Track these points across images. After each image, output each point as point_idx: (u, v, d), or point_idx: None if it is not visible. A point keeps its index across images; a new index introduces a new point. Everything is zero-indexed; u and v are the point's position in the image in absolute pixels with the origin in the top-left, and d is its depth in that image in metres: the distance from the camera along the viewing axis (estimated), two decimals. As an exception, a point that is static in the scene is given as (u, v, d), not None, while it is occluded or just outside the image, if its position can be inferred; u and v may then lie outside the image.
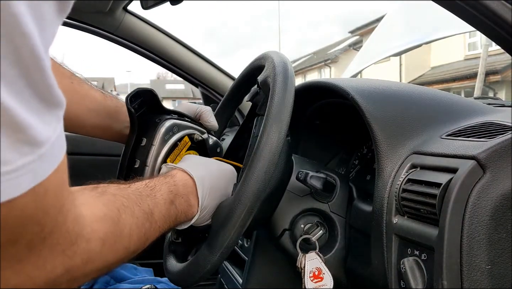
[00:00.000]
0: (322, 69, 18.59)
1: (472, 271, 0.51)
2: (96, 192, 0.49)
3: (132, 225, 0.50)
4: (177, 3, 0.74)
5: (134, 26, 1.57)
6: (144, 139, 0.73)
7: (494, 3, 0.57)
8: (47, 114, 0.31)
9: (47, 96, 0.31)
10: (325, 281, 0.74)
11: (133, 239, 0.51)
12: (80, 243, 0.40)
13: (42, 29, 0.29)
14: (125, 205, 0.51)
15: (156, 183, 0.60)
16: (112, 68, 71.53)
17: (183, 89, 30.19)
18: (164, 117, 0.75)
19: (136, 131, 0.73)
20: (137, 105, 0.74)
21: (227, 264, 1.27)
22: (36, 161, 0.30)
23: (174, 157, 0.75)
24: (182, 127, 0.76)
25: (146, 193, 0.56)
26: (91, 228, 0.42)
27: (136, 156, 0.73)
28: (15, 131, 0.28)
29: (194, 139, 0.78)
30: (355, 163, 0.97)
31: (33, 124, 0.29)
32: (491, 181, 0.52)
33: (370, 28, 11.94)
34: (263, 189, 0.60)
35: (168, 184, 0.61)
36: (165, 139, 0.73)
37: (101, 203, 0.47)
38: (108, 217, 0.46)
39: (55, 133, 0.32)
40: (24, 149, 0.29)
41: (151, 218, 0.55)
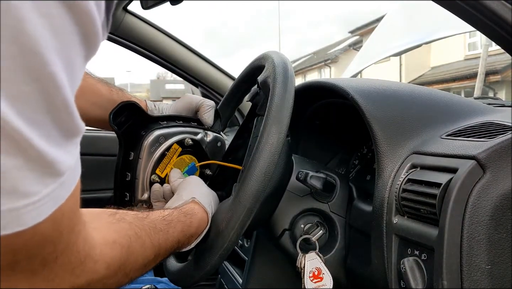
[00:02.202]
0: (322, 69, 18.58)
1: (472, 271, 0.51)
2: (113, 218, 0.51)
3: (138, 256, 0.52)
4: (177, 3, 0.74)
5: (134, 26, 1.57)
6: (131, 153, 0.75)
7: (494, 3, 0.57)
8: (70, 145, 0.34)
9: (72, 130, 0.34)
10: (325, 281, 0.74)
11: (135, 268, 0.52)
12: (88, 263, 0.42)
13: (73, 79, 0.32)
14: (138, 235, 0.53)
15: (173, 219, 0.61)
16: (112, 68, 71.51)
17: (183, 89, 30.15)
18: (150, 129, 0.75)
19: (123, 146, 0.75)
20: (124, 118, 0.74)
21: (227, 264, 1.27)
22: (57, 189, 0.33)
23: (163, 167, 0.76)
24: (169, 136, 0.76)
25: (160, 227, 0.58)
26: (100, 250, 0.44)
27: (126, 169, 0.75)
28: (42, 167, 0.31)
29: (185, 144, 0.78)
30: (355, 163, 0.97)
31: (58, 157, 0.32)
32: (491, 181, 0.52)
33: (370, 28, 11.94)
34: (263, 189, 0.60)
35: (184, 224, 0.62)
36: (151, 151, 0.74)
37: (113, 230, 0.49)
38: (118, 244, 0.48)
39: (73, 161, 0.35)
40: (48, 180, 0.32)
41: (157, 251, 0.56)
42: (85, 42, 0.32)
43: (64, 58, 0.30)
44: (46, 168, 0.31)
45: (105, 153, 1.63)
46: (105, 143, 1.69)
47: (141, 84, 40.30)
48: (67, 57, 0.31)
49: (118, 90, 0.85)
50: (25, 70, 0.28)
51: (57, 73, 0.30)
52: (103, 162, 1.64)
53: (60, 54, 0.30)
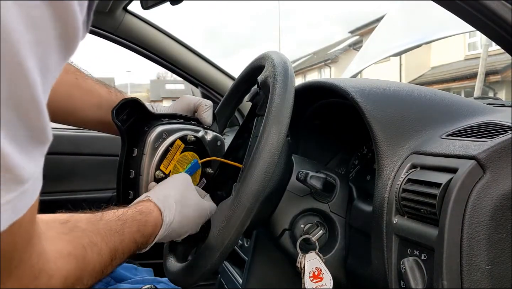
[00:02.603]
0: (322, 69, 18.58)
1: (472, 271, 0.51)
2: (65, 228, 0.48)
3: (95, 264, 0.50)
4: (177, 3, 0.74)
5: (134, 26, 1.57)
6: (135, 150, 0.74)
7: (494, 3, 0.57)
8: (35, 151, 0.31)
9: (39, 136, 0.31)
10: (324, 281, 0.74)
11: (93, 276, 0.51)
12: (43, 278, 0.40)
13: (45, 77, 0.29)
14: (93, 242, 0.50)
15: (128, 218, 0.59)
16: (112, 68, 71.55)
17: (183, 89, 30.15)
18: (152, 125, 0.75)
19: (126, 143, 0.74)
20: (125, 116, 0.74)
21: (227, 264, 1.27)
22: (17, 197, 0.30)
23: (167, 163, 0.75)
24: (172, 131, 0.76)
25: (115, 228, 0.56)
26: (55, 264, 0.42)
27: (129, 166, 0.74)
28: (4, 173, 0.28)
29: (187, 141, 0.77)
30: (355, 163, 0.97)
31: (21, 163, 0.29)
32: (491, 181, 0.52)
33: (370, 28, 11.93)
34: (262, 189, 0.60)
35: (139, 222, 0.60)
36: (155, 147, 0.73)
37: (67, 241, 0.47)
38: (73, 256, 0.46)
39: (37, 169, 0.32)
40: (9, 187, 0.29)
41: (114, 255, 0.54)
42: (63, 39, 0.30)
43: (38, 53, 0.28)
44: (7, 172, 0.28)
45: (105, 153, 1.64)
46: (105, 143, 1.68)
47: (141, 84, 40.34)
48: (42, 52, 0.28)
49: (116, 91, 0.84)
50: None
51: (27, 65, 0.27)
52: (103, 162, 1.65)
53: (34, 47, 0.28)
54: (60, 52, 0.30)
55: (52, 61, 0.30)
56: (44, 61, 0.29)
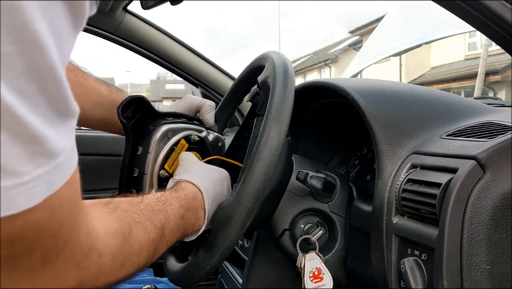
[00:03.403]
0: (322, 69, 18.58)
1: (472, 271, 0.51)
2: (108, 208, 0.49)
3: (143, 241, 0.51)
4: (177, 3, 0.74)
5: (134, 26, 1.57)
6: (140, 148, 0.73)
7: (494, 3, 0.57)
8: (63, 126, 0.31)
9: (63, 108, 0.31)
10: (324, 281, 0.74)
11: (143, 255, 0.51)
12: (92, 256, 0.40)
13: (59, 44, 0.29)
14: (137, 221, 0.51)
15: (167, 197, 0.60)
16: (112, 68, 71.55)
17: (183, 89, 30.15)
18: (158, 123, 0.75)
19: (131, 140, 0.73)
20: (130, 114, 0.73)
21: (227, 264, 1.27)
22: (50, 171, 0.30)
23: (171, 162, 0.74)
24: (177, 131, 0.76)
25: (157, 208, 0.56)
26: (103, 242, 0.43)
27: (134, 165, 0.74)
28: (32, 144, 0.28)
29: (191, 140, 0.77)
30: (355, 163, 0.97)
31: (50, 136, 0.29)
32: (491, 181, 0.52)
33: (370, 28, 11.93)
34: (263, 190, 0.60)
35: (179, 198, 0.61)
36: (161, 145, 0.73)
37: (113, 219, 0.47)
38: (120, 233, 0.46)
39: (69, 144, 0.32)
40: (40, 160, 0.29)
41: (162, 233, 0.55)
42: (71, 6, 0.29)
43: (47, 16, 0.28)
44: (36, 145, 0.28)
45: (105, 153, 1.64)
46: (105, 143, 1.69)
47: (141, 84, 40.32)
48: (50, 16, 0.28)
49: (117, 90, 0.84)
50: (5, 28, 0.25)
51: (41, 33, 0.27)
52: (103, 162, 1.65)
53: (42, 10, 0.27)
54: (69, 19, 0.30)
55: (63, 28, 0.29)
56: (55, 26, 0.28)
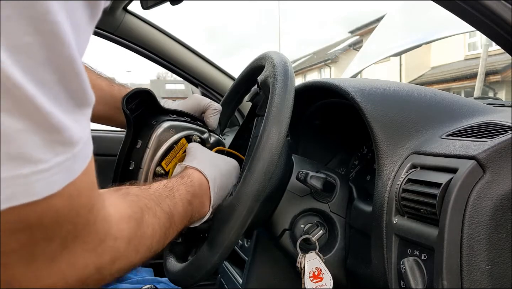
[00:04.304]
0: (322, 69, 18.58)
1: (472, 271, 0.51)
2: (120, 193, 0.50)
3: (155, 226, 0.51)
4: (177, 3, 0.74)
5: (134, 26, 1.57)
6: (139, 142, 0.72)
7: (494, 3, 0.57)
8: (80, 114, 0.32)
9: (81, 98, 0.32)
10: (324, 281, 0.74)
11: (155, 239, 0.51)
12: (109, 241, 0.41)
13: (77, 35, 0.30)
14: (148, 206, 0.51)
15: (174, 184, 0.60)
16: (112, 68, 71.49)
17: (183, 89, 30.10)
18: (161, 119, 0.74)
19: (132, 132, 0.72)
20: (134, 106, 0.72)
21: (227, 264, 1.27)
22: (69, 160, 0.31)
23: (169, 160, 0.74)
24: (179, 129, 0.75)
25: (165, 194, 0.57)
26: (118, 227, 0.43)
27: (131, 157, 0.73)
28: (51, 133, 0.29)
29: (192, 140, 0.77)
30: (355, 163, 0.97)
31: (69, 125, 0.30)
32: (491, 181, 0.52)
33: (370, 28, 11.93)
34: (263, 190, 0.60)
35: (185, 184, 0.62)
36: (161, 142, 0.72)
37: (126, 204, 0.48)
38: (133, 218, 0.47)
39: (86, 133, 0.33)
40: (59, 149, 0.30)
41: (171, 218, 0.55)
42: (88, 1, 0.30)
43: (68, 12, 0.28)
44: (55, 133, 0.29)
45: (105, 152, 1.63)
46: (105, 143, 1.68)
47: (141, 84, 40.29)
48: (71, 11, 0.28)
49: (119, 85, 0.84)
50: (27, 19, 0.26)
51: (61, 24, 0.27)
52: (102, 162, 1.64)
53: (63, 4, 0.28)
54: (86, 11, 0.30)
55: (81, 19, 0.30)
56: (73, 17, 0.29)
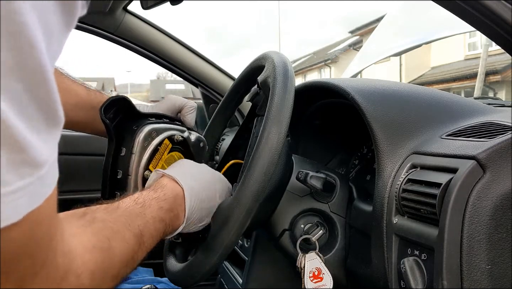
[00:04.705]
0: (322, 69, 18.58)
1: (472, 271, 0.51)
2: (84, 221, 0.46)
3: (123, 251, 0.48)
4: (177, 3, 0.74)
5: (134, 26, 1.57)
6: (123, 149, 0.72)
7: (494, 3, 0.57)
8: (47, 134, 0.29)
9: (50, 113, 0.29)
10: (324, 281, 0.74)
11: (123, 265, 0.49)
12: (70, 278, 0.38)
13: (49, 42, 0.27)
14: (115, 230, 0.48)
15: (146, 198, 0.57)
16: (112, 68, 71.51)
17: (183, 89, 30.17)
18: (141, 124, 0.73)
19: (114, 141, 0.72)
20: (112, 115, 0.72)
21: (227, 264, 1.27)
22: (34, 183, 0.27)
23: (156, 162, 0.73)
24: (160, 131, 0.74)
25: (136, 212, 0.54)
26: (82, 260, 0.40)
27: (117, 166, 0.72)
28: (16, 151, 0.26)
29: (175, 140, 0.76)
30: (355, 163, 0.97)
31: (35, 144, 0.27)
32: (491, 181, 0.52)
33: (370, 28, 11.94)
34: (262, 190, 0.59)
35: (158, 199, 0.58)
36: (145, 146, 0.72)
37: (90, 233, 0.45)
38: (98, 248, 0.44)
39: (52, 156, 0.30)
40: (24, 170, 0.26)
41: (141, 239, 0.52)
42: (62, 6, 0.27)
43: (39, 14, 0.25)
44: (20, 152, 0.26)
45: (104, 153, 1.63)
46: (101, 143, 1.68)
47: (141, 84, 40.32)
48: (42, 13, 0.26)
49: (96, 91, 0.82)
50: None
51: (31, 26, 0.24)
52: (99, 162, 1.64)
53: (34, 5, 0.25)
54: (60, 16, 0.27)
55: (54, 24, 0.27)
56: (45, 20, 0.26)
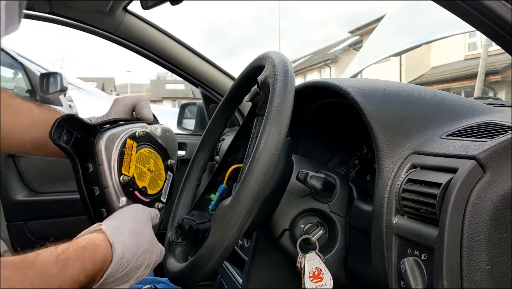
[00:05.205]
0: (322, 69, 18.59)
1: (472, 271, 0.51)
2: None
3: None
4: (177, 3, 0.74)
5: (134, 26, 1.57)
6: (89, 165, 0.70)
7: (494, 3, 0.57)
8: None
9: None
10: (324, 281, 0.74)
11: None
12: None
13: None
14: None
15: (69, 257, 0.52)
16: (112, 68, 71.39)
17: (183, 89, 30.21)
18: (97, 133, 0.71)
19: (78, 161, 0.70)
20: (65, 136, 0.70)
21: (227, 264, 1.27)
22: None
23: (127, 165, 0.71)
24: (119, 133, 0.72)
25: (52, 272, 0.49)
26: None
27: (91, 184, 0.70)
28: None
29: (137, 137, 0.74)
30: (355, 163, 0.97)
31: None
32: (491, 181, 0.52)
33: (370, 28, 11.94)
34: (262, 190, 0.59)
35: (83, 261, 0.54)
36: (109, 153, 0.70)
37: None
38: None
39: None
40: None
41: None
42: None
43: None
44: None
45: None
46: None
47: (141, 84, 40.28)
48: None
49: (50, 109, 0.79)
50: None
51: None
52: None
53: None
54: None
55: None
56: None
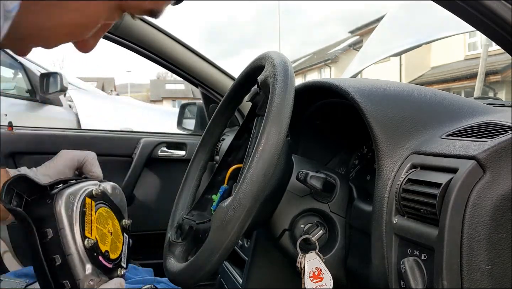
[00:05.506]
0: (322, 69, 18.59)
1: (472, 271, 0.51)
2: None
3: None
4: (178, 3, 0.74)
5: (134, 26, 1.57)
6: (48, 230, 0.62)
7: (494, 3, 0.57)
8: None
9: None
10: (325, 281, 0.74)
11: None
12: None
13: None
14: None
15: None
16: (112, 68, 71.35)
17: (183, 89, 30.21)
18: (53, 194, 0.64)
19: (33, 226, 0.61)
20: (15, 201, 0.61)
21: (227, 264, 1.27)
22: None
23: (89, 227, 0.65)
24: (76, 192, 0.65)
25: None
26: None
27: (50, 253, 0.62)
28: None
29: (94, 196, 0.68)
30: (355, 162, 0.97)
31: None
32: (491, 181, 0.52)
33: (370, 28, 11.95)
34: (262, 190, 0.59)
35: None
36: (69, 214, 0.63)
37: None
38: None
39: None
40: None
41: None
42: None
43: None
44: None
45: (106, 153, 1.64)
46: (105, 144, 1.69)
47: (141, 84, 40.28)
48: None
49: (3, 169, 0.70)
50: None
51: None
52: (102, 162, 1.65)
53: None
54: None
55: None
56: None
